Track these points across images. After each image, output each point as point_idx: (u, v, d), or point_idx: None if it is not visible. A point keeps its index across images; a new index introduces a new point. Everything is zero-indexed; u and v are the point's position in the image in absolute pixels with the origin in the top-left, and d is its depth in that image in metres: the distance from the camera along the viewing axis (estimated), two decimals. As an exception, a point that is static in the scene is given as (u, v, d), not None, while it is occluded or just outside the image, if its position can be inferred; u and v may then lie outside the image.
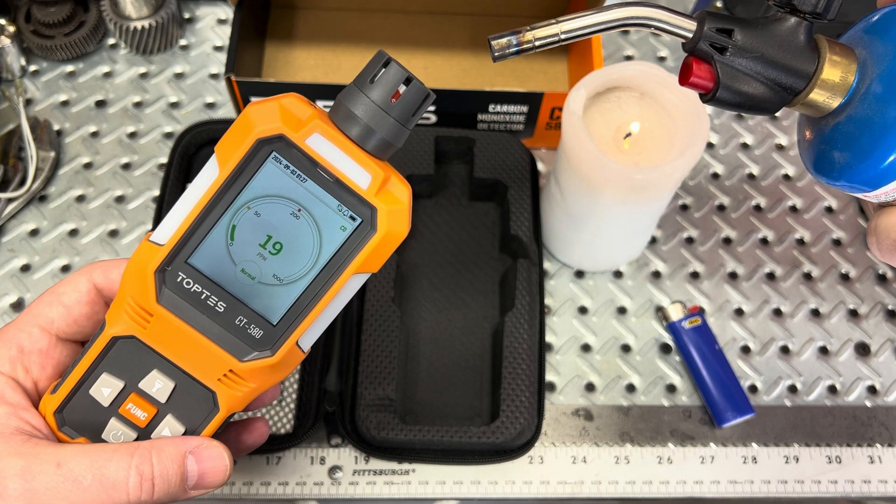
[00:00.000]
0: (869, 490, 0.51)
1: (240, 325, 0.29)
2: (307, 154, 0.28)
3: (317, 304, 0.29)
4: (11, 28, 0.61)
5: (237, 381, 0.30)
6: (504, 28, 0.69)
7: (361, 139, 0.28)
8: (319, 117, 0.28)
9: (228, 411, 0.31)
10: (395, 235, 0.29)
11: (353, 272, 0.29)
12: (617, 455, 0.51)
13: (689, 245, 0.58)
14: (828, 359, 0.55)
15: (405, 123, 0.29)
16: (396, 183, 0.29)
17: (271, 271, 0.29)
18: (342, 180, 0.28)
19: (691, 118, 0.46)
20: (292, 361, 0.30)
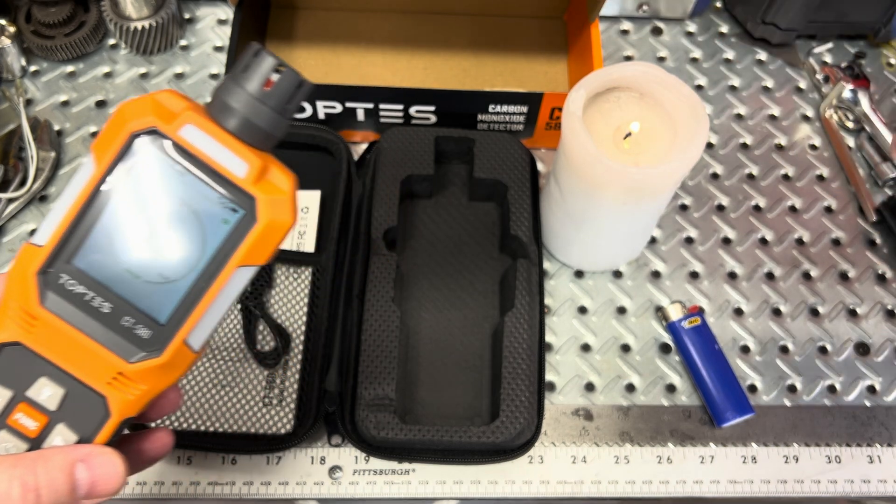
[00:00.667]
0: (868, 490, 0.51)
1: (126, 325, 0.28)
2: (181, 146, 0.27)
3: (201, 300, 0.28)
4: (12, 28, 0.61)
5: (127, 383, 0.29)
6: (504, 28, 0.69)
7: (238, 130, 0.28)
8: (192, 109, 0.28)
9: (121, 416, 0.30)
10: (278, 225, 0.28)
11: (236, 265, 0.28)
12: (617, 455, 0.51)
13: (688, 245, 0.58)
14: (827, 359, 0.55)
15: (282, 113, 0.28)
16: (277, 172, 0.29)
17: (156, 269, 0.28)
18: (219, 171, 0.27)
19: (691, 118, 0.46)
20: (183, 362, 0.30)
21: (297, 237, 0.54)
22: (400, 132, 0.56)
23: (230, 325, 0.51)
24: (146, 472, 0.48)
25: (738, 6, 0.67)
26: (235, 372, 0.50)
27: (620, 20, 0.68)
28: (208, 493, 0.48)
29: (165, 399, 0.32)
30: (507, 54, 0.64)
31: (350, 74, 0.62)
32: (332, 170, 0.57)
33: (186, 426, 0.48)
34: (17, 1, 0.63)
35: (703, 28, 0.68)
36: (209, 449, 0.47)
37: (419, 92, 0.55)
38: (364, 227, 0.53)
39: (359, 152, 0.60)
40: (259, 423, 0.48)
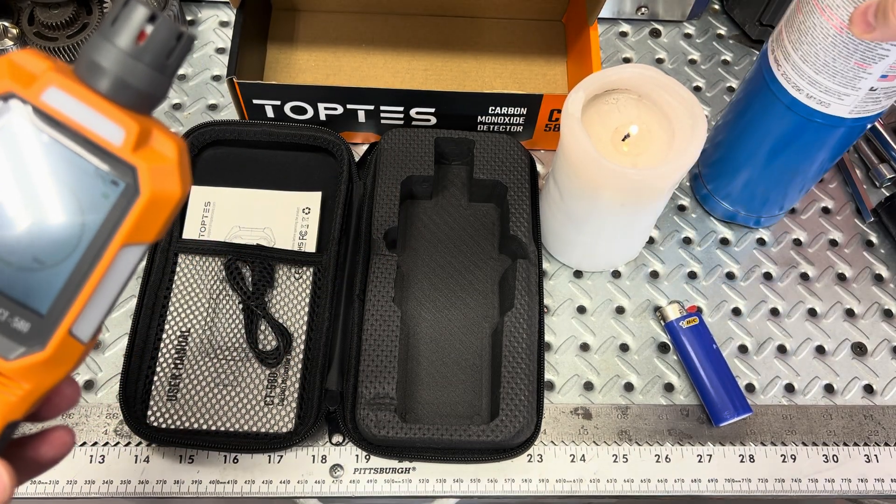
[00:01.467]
0: (866, 489, 0.51)
1: (1, 319, 0.25)
2: (45, 113, 0.24)
3: (84, 285, 0.25)
4: (14, 30, 0.61)
5: (7, 384, 0.26)
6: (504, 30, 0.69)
7: (112, 92, 0.24)
8: (56, 70, 0.24)
9: (4, 420, 0.26)
10: (164, 197, 0.25)
11: (120, 244, 0.25)
12: (615, 453, 0.51)
13: (686, 245, 0.59)
14: (824, 358, 0.55)
15: (161, 70, 0.25)
16: (161, 138, 0.25)
17: (30, 254, 0.25)
18: (91, 139, 0.24)
19: (689, 120, 0.47)
20: (71, 355, 0.26)
21: (298, 238, 0.55)
22: (400, 133, 0.56)
23: (232, 325, 0.51)
24: (147, 471, 0.49)
25: (737, 8, 0.68)
26: (237, 371, 0.50)
27: (619, 22, 0.69)
28: (210, 491, 0.48)
29: (59, 395, 0.30)
30: (507, 56, 0.64)
31: (351, 76, 0.62)
32: (334, 171, 0.57)
33: (188, 425, 0.48)
34: (19, 3, 0.64)
35: (702, 30, 0.69)
36: (211, 448, 0.48)
37: (419, 94, 0.55)
38: (365, 227, 0.53)
39: (359, 153, 0.60)
40: (261, 422, 0.49)
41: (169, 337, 0.51)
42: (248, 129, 0.57)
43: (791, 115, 0.47)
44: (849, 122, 0.46)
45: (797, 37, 0.43)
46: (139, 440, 0.50)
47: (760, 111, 0.49)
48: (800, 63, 0.44)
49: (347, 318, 0.51)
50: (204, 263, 0.53)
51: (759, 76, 0.48)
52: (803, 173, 0.52)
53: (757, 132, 0.50)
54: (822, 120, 0.46)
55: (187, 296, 0.52)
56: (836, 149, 0.49)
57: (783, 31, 0.45)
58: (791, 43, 0.44)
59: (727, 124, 0.54)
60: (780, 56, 0.45)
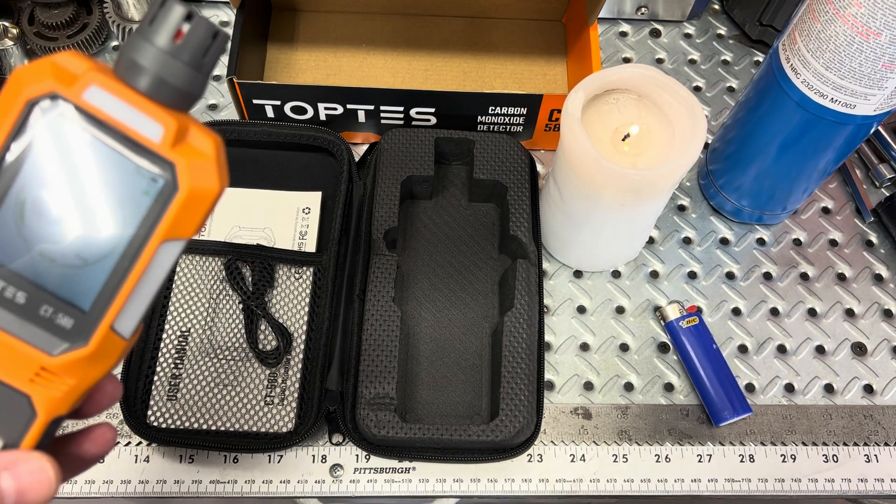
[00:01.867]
0: (866, 489, 0.51)
1: (46, 315, 0.26)
2: (86, 111, 0.25)
3: (125, 282, 0.26)
4: (15, 30, 0.61)
5: (52, 379, 0.26)
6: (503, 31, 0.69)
7: (151, 90, 0.25)
8: (97, 70, 0.25)
9: (49, 416, 0.27)
10: (203, 193, 0.25)
11: (160, 240, 0.25)
12: (615, 453, 0.51)
13: (686, 245, 0.59)
14: (824, 358, 0.55)
15: (198, 68, 0.25)
16: (198, 134, 0.26)
17: (73, 251, 0.25)
18: (131, 136, 0.25)
19: (689, 120, 0.47)
20: (113, 351, 0.27)
21: (298, 238, 0.55)
22: (400, 133, 0.56)
23: (232, 325, 0.51)
24: (147, 471, 0.49)
25: (737, 8, 0.68)
26: (237, 371, 0.50)
27: (619, 22, 0.69)
28: (210, 491, 0.48)
29: (102, 392, 0.30)
30: (507, 56, 0.64)
31: (351, 76, 0.63)
32: (334, 171, 0.57)
33: (188, 425, 0.48)
34: (20, 3, 0.64)
35: (702, 30, 0.69)
36: (211, 447, 0.48)
37: (419, 94, 0.55)
38: (365, 227, 0.53)
39: (359, 153, 0.60)
40: (261, 421, 0.49)
41: (169, 337, 0.51)
42: (248, 129, 0.57)
43: (810, 116, 0.47)
44: (873, 118, 0.46)
45: (817, 45, 0.43)
46: (139, 440, 0.50)
47: (777, 113, 0.49)
48: (822, 70, 0.44)
49: (347, 318, 0.51)
50: (204, 263, 0.53)
51: (774, 82, 0.48)
52: (813, 170, 0.52)
53: (772, 131, 0.50)
54: (840, 119, 0.46)
55: (187, 296, 0.52)
56: (848, 145, 0.49)
57: (798, 40, 0.45)
58: (810, 52, 0.44)
59: (739, 124, 0.54)
60: (797, 64, 0.45)
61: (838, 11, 0.41)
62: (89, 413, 0.31)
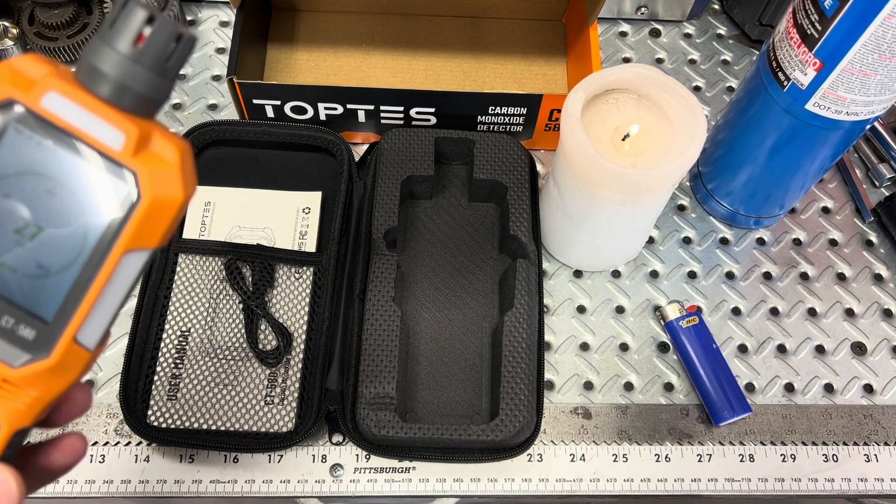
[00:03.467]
0: (865, 488, 0.51)
1: (7, 326, 0.25)
2: (44, 118, 0.24)
3: (88, 292, 0.25)
4: (15, 30, 0.61)
5: (14, 391, 0.26)
6: (503, 31, 0.69)
7: (112, 96, 0.24)
8: (56, 75, 0.24)
9: (12, 428, 0.26)
10: (166, 202, 0.25)
11: (122, 250, 0.25)
12: (615, 453, 0.51)
13: (686, 245, 0.59)
14: (824, 358, 0.55)
15: (161, 73, 0.25)
16: (162, 141, 0.25)
17: (34, 260, 0.25)
18: (91, 144, 0.24)
19: (688, 119, 0.47)
20: (77, 362, 0.26)
21: (298, 237, 0.55)
22: (400, 133, 0.56)
23: (232, 325, 0.51)
24: (148, 470, 0.49)
25: (736, 8, 0.68)
26: (237, 371, 0.50)
27: (619, 22, 0.69)
28: (210, 491, 0.48)
29: (71, 401, 0.29)
30: (507, 56, 0.64)
31: (351, 76, 0.63)
32: (334, 171, 0.58)
33: (188, 425, 0.48)
34: (20, 3, 0.64)
35: (702, 30, 0.69)
36: (211, 447, 0.48)
37: (419, 94, 0.55)
38: (365, 227, 0.53)
39: (359, 153, 0.60)
40: (261, 421, 0.49)
41: (169, 336, 0.51)
42: (248, 129, 0.57)
43: (799, 122, 0.47)
44: (866, 121, 0.46)
45: (879, 90, 0.43)
46: (139, 440, 0.50)
47: (765, 119, 0.49)
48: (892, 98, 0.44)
49: (347, 318, 0.51)
50: (204, 263, 0.53)
51: (766, 96, 0.48)
52: (808, 171, 0.52)
53: (764, 135, 0.50)
54: (832, 125, 0.46)
55: (187, 295, 0.52)
56: (843, 145, 0.49)
57: (846, 96, 0.44)
58: (872, 95, 0.43)
59: (728, 126, 0.54)
60: (858, 109, 0.44)
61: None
62: (58, 422, 0.30)
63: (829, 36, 0.42)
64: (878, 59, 0.41)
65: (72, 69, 0.25)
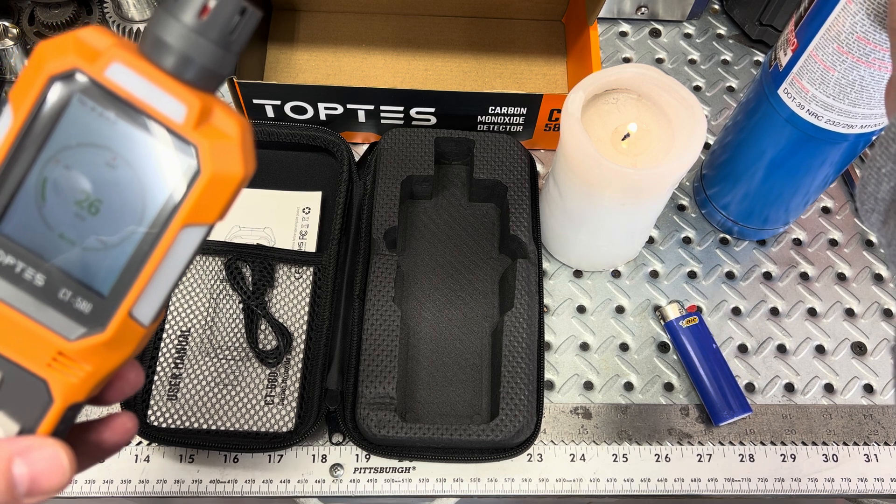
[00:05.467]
0: (865, 488, 0.51)
1: (64, 299, 0.25)
2: (108, 89, 0.24)
3: (145, 267, 0.25)
4: (15, 30, 0.61)
5: (69, 364, 0.26)
6: (503, 31, 0.69)
7: (175, 69, 0.24)
8: (121, 46, 0.24)
9: (66, 402, 0.26)
10: (227, 177, 0.25)
11: (181, 225, 0.25)
12: (615, 453, 0.51)
13: (686, 245, 0.59)
14: (824, 358, 0.55)
15: (225, 46, 0.24)
16: (222, 115, 0.25)
17: (93, 233, 0.25)
18: (153, 116, 0.24)
19: (688, 119, 0.47)
20: (132, 338, 0.26)
21: (298, 237, 0.55)
22: (400, 133, 0.56)
23: (232, 325, 0.51)
24: (149, 470, 0.49)
25: (736, 8, 0.68)
26: (237, 371, 0.50)
27: (619, 22, 0.69)
28: (210, 491, 0.48)
29: (123, 379, 0.30)
30: (507, 56, 0.64)
31: (351, 76, 0.63)
32: (334, 171, 0.58)
33: (189, 425, 0.48)
34: (20, 3, 0.64)
35: (701, 30, 0.69)
36: (211, 447, 0.48)
37: (419, 93, 0.55)
38: (365, 227, 0.54)
39: (359, 153, 0.60)
40: (261, 421, 0.49)
41: (169, 336, 0.51)
42: (248, 129, 0.57)
43: (803, 135, 0.47)
44: (871, 133, 0.46)
45: (839, 90, 0.43)
46: (139, 439, 0.50)
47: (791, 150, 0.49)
48: (850, 108, 0.43)
49: (347, 318, 0.51)
50: (204, 263, 0.53)
51: (778, 120, 0.47)
52: (811, 184, 0.52)
53: (765, 149, 0.50)
54: (836, 139, 0.46)
55: (187, 295, 0.52)
56: (847, 158, 0.49)
57: (809, 88, 0.44)
58: (832, 96, 0.43)
59: (728, 139, 0.54)
60: (817, 109, 0.44)
61: (861, 59, 0.40)
62: (110, 400, 0.30)
63: (809, 15, 0.42)
64: (837, 50, 0.41)
65: (136, 43, 0.25)
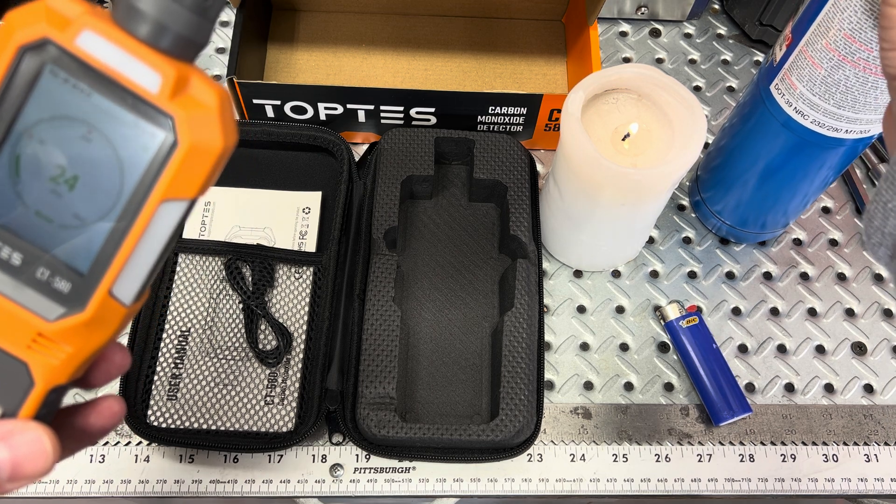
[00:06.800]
0: (865, 488, 0.51)
1: (42, 278, 0.24)
2: (79, 58, 0.23)
3: (123, 243, 0.24)
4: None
5: (49, 346, 0.25)
6: (503, 31, 0.69)
7: (150, 37, 0.23)
8: (92, 13, 0.23)
9: (47, 384, 0.26)
10: (205, 148, 0.24)
11: (159, 199, 0.24)
12: (615, 453, 0.51)
13: (686, 245, 0.59)
14: (824, 358, 0.55)
15: (201, 13, 0.24)
16: (200, 84, 0.24)
17: (70, 210, 0.24)
18: (126, 86, 0.23)
19: (688, 119, 0.47)
20: (112, 318, 0.26)
21: (298, 237, 0.55)
22: (400, 133, 0.56)
23: (232, 325, 0.51)
24: (147, 470, 0.49)
25: (737, 8, 0.68)
26: (237, 371, 0.50)
27: (619, 22, 0.69)
28: (210, 491, 0.48)
29: (108, 361, 0.29)
30: (507, 56, 0.64)
31: (351, 76, 0.63)
32: (334, 171, 0.58)
33: (188, 425, 0.48)
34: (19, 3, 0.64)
35: (702, 30, 0.69)
36: (211, 447, 0.48)
37: (419, 93, 0.55)
38: (365, 227, 0.53)
39: (359, 153, 0.60)
40: (261, 421, 0.49)
41: (169, 336, 0.51)
42: (248, 129, 0.57)
43: (800, 139, 0.47)
44: (870, 137, 0.46)
45: (825, 89, 0.42)
46: (139, 439, 0.50)
47: (782, 155, 0.49)
48: (835, 110, 0.43)
49: (347, 318, 0.51)
50: (204, 263, 0.53)
51: (772, 121, 0.47)
52: (808, 190, 0.52)
53: (762, 154, 0.50)
54: (834, 144, 0.46)
55: (187, 295, 0.52)
56: (845, 161, 0.49)
57: (798, 84, 0.44)
58: (818, 95, 0.43)
59: (724, 144, 0.53)
60: (804, 107, 0.44)
61: (846, 58, 0.40)
62: (96, 383, 0.29)
63: (805, 9, 0.42)
64: (825, 46, 0.41)
65: (108, 10, 0.24)
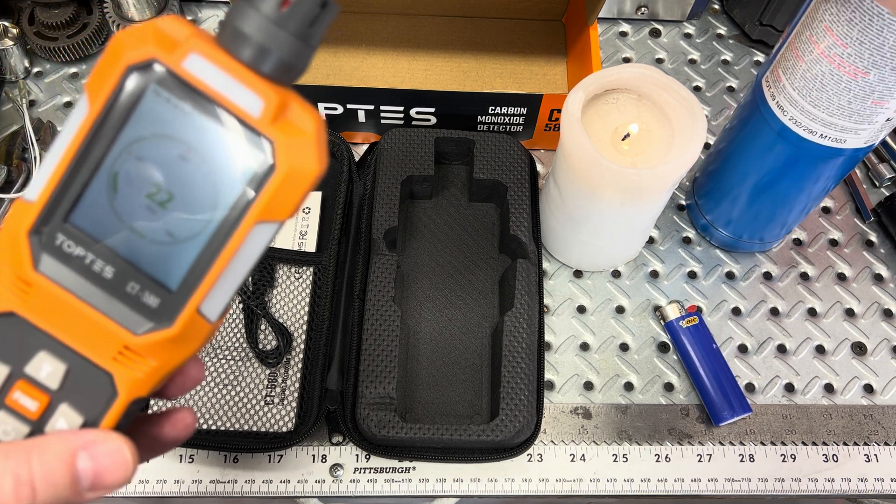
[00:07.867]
0: (866, 488, 0.51)
1: (132, 293, 0.25)
2: (185, 80, 0.23)
3: (215, 263, 0.25)
4: (15, 30, 0.61)
5: (135, 359, 0.26)
6: (503, 31, 0.69)
7: (253, 61, 0.24)
8: (199, 37, 0.23)
9: (130, 396, 0.26)
10: (302, 173, 0.24)
11: (254, 221, 0.24)
12: (615, 453, 0.51)
13: (686, 245, 0.59)
14: (824, 358, 0.55)
15: (304, 39, 0.24)
16: (299, 110, 0.24)
17: (164, 227, 0.24)
18: (229, 109, 0.23)
19: (688, 119, 0.47)
20: (198, 334, 0.26)
21: (298, 237, 0.55)
22: (400, 133, 0.56)
23: (232, 325, 0.51)
24: (148, 470, 0.49)
25: (737, 8, 0.68)
26: (237, 371, 0.50)
27: (619, 22, 0.69)
28: (210, 491, 0.48)
29: (185, 375, 0.30)
30: (507, 56, 0.64)
31: (351, 76, 0.63)
32: (334, 171, 0.58)
33: (189, 425, 0.48)
34: (20, 3, 0.64)
35: (702, 30, 0.69)
36: (211, 447, 0.48)
37: (419, 93, 0.55)
38: (365, 227, 0.53)
39: (359, 153, 0.60)
40: (261, 421, 0.49)
41: (169, 336, 0.51)
42: (248, 129, 0.57)
43: (796, 150, 0.46)
44: (864, 150, 0.46)
45: (803, 84, 0.43)
46: (139, 440, 0.50)
47: (766, 152, 0.49)
48: (810, 109, 0.43)
49: (347, 318, 0.51)
50: (204, 263, 0.53)
51: (760, 117, 0.47)
52: (807, 200, 0.52)
53: (758, 165, 0.50)
54: (833, 154, 0.46)
55: (187, 295, 0.52)
56: (841, 174, 0.49)
57: (782, 77, 0.44)
58: (797, 90, 0.43)
59: (726, 162, 0.53)
60: (784, 102, 0.45)
61: (824, 52, 0.40)
62: (172, 395, 0.30)
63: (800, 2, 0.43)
64: (808, 39, 0.41)
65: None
